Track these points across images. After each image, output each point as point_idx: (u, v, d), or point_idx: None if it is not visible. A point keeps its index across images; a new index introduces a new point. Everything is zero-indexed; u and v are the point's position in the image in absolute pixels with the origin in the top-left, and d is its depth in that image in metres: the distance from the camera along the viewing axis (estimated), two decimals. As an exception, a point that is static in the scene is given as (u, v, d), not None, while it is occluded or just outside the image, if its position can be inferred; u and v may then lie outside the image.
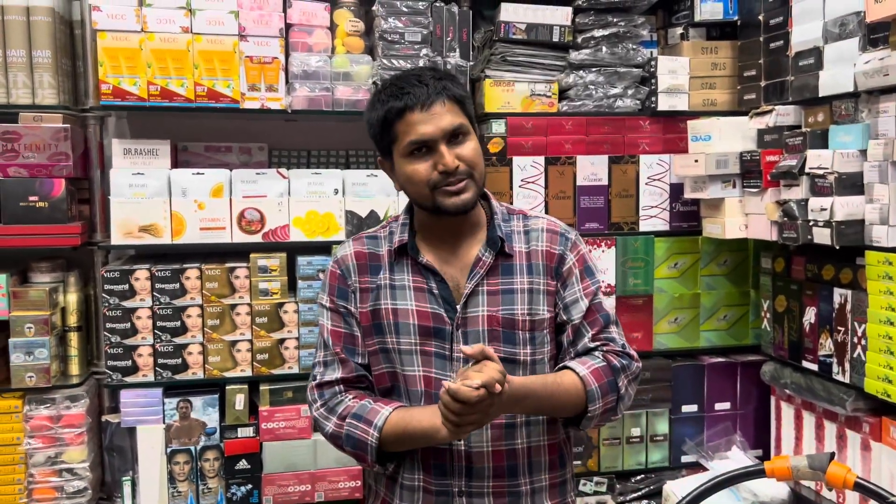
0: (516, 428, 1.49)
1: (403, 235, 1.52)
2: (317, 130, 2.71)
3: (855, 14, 2.01)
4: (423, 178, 1.43)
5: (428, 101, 1.41)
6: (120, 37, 2.23)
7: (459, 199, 1.43)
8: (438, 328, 1.47)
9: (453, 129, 1.42)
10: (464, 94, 1.48)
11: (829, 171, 2.03)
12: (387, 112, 1.44)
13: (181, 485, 2.31)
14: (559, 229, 1.56)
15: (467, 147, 1.44)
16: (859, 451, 2.13)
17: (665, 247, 2.60)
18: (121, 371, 2.27)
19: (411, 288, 1.49)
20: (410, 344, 1.48)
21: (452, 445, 1.46)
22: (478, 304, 1.48)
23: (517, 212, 1.58)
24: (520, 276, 1.51)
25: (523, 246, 1.53)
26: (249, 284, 2.33)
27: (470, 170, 1.43)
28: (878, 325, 1.98)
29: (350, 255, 1.55)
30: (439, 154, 1.41)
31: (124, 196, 2.26)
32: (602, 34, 2.53)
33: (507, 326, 1.48)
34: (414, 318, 1.48)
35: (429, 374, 1.48)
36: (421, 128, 1.41)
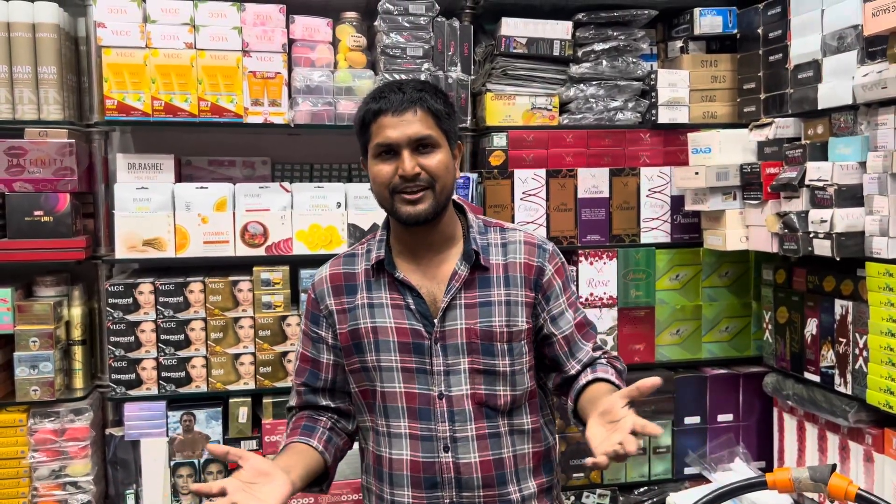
0: (501, 437, 1.52)
1: (380, 252, 1.54)
2: (319, 144, 2.73)
3: (853, 27, 2.03)
4: (385, 180, 1.47)
5: (400, 107, 1.46)
6: (125, 53, 2.25)
7: (414, 208, 1.46)
8: (417, 343, 1.50)
9: (419, 138, 1.45)
10: (441, 108, 1.50)
11: (829, 183, 2.04)
12: (365, 113, 1.50)
13: (185, 498, 2.31)
14: (536, 241, 1.59)
15: (432, 158, 1.47)
16: (862, 463, 2.13)
17: (666, 259, 2.60)
18: (125, 384, 2.28)
19: (389, 305, 1.52)
20: (391, 361, 1.50)
21: (440, 457, 1.49)
22: (455, 317, 1.50)
23: (494, 224, 1.61)
24: (497, 289, 1.53)
25: (500, 258, 1.55)
26: (252, 298, 2.34)
27: (431, 180, 1.46)
28: (879, 336, 1.98)
29: (325, 277, 1.59)
30: (401, 159, 1.45)
31: (128, 210, 2.28)
32: (602, 48, 2.55)
33: (485, 339, 1.50)
34: (393, 335, 1.50)
35: (411, 391, 1.50)
36: (388, 131, 1.45)
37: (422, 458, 1.49)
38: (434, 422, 1.50)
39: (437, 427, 1.49)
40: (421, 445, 1.50)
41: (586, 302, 2.54)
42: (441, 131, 1.49)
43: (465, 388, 1.50)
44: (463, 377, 1.50)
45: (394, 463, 1.51)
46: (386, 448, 1.53)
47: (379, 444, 1.54)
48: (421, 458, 1.49)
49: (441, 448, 1.49)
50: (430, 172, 1.46)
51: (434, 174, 1.46)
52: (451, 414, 1.49)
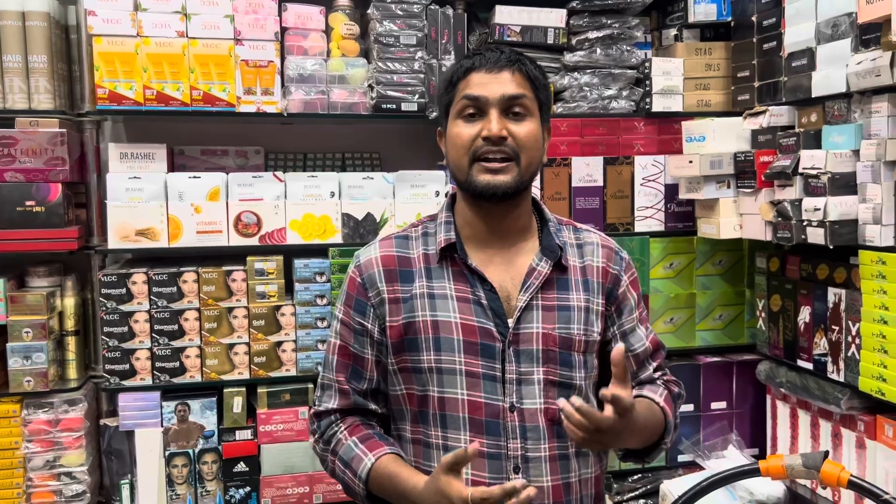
0: (570, 459, 1.38)
1: (449, 234, 1.36)
2: (313, 133, 2.72)
3: (847, 15, 2.03)
4: (466, 142, 1.31)
5: (497, 64, 1.31)
6: (116, 41, 2.23)
7: (494, 177, 1.29)
8: (487, 345, 1.32)
9: (511, 96, 1.30)
10: (540, 77, 1.36)
11: (823, 171, 2.04)
12: (455, 70, 1.35)
13: (180, 488, 2.32)
14: (613, 246, 1.47)
15: (523, 126, 1.31)
16: (854, 450, 2.15)
17: (660, 247, 2.61)
18: (119, 375, 2.28)
19: (454, 297, 1.34)
20: (453, 362, 1.32)
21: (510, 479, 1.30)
22: (532, 319, 1.34)
23: (566, 222, 1.48)
24: (576, 293, 1.38)
25: (577, 260, 1.41)
26: (246, 287, 2.34)
27: (517, 150, 1.30)
28: (871, 323, 1.99)
29: (375, 259, 1.39)
30: (488, 119, 1.30)
31: (121, 200, 2.27)
32: (596, 36, 2.54)
33: (563, 347, 1.35)
34: (458, 332, 1.32)
35: (475, 399, 1.32)
36: (478, 87, 1.30)
37: (488, 478, 1.31)
38: (504, 438, 1.32)
39: (507, 444, 1.32)
40: (487, 464, 1.32)
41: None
42: (536, 100, 1.35)
43: (538, 401, 1.33)
44: (536, 389, 1.33)
45: None
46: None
47: (429, 458, 1.35)
48: (487, 479, 1.31)
49: (511, 468, 1.32)
50: (518, 141, 1.30)
51: (522, 143, 1.31)
52: (524, 430, 1.32)
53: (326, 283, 2.38)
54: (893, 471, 2.00)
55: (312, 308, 2.37)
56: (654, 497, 2.60)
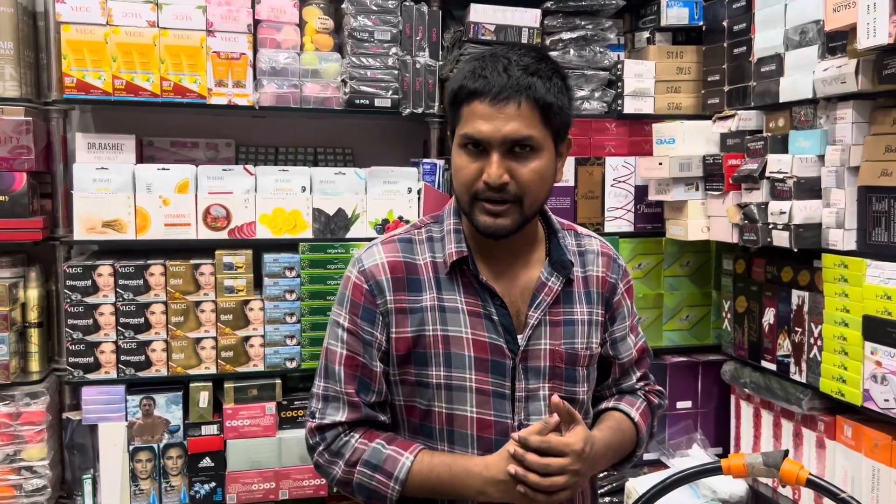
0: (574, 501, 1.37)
1: (461, 246, 1.29)
2: (284, 127, 2.70)
3: (815, 22, 2.06)
4: (468, 180, 1.23)
5: (501, 94, 1.19)
6: (84, 29, 2.20)
7: (493, 221, 1.23)
8: (497, 362, 1.28)
9: (515, 139, 1.20)
10: (553, 101, 1.22)
11: (789, 175, 2.07)
12: (458, 90, 1.24)
13: (143, 483, 2.29)
14: (612, 254, 1.45)
15: (527, 167, 1.21)
16: (814, 449, 2.19)
17: (630, 248, 2.63)
18: (82, 368, 2.24)
19: (465, 312, 1.28)
20: (463, 379, 1.27)
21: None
22: (540, 335, 1.30)
23: (567, 226, 1.43)
24: (579, 306, 1.35)
25: (580, 270, 1.37)
26: (214, 281, 2.32)
27: (518, 194, 1.22)
28: (833, 326, 2.03)
29: (382, 265, 1.30)
30: (489, 161, 1.20)
31: (88, 191, 2.24)
32: (570, 37, 2.56)
33: (569, 363, 1.32)
34: (469, 348, 1.27)
35: (485, 417, 1.27)
36: (481, 123, 1.20)
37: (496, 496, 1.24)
38: None
39: None
40: None
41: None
42: (547, 130, 1.23)
43: (544, 417, 1.30)
44: (542, 405, 1.30)
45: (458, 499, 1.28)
46: None
47: None
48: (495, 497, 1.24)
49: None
50: (521, 184, 1.21)
51: (524, 187, 1.22)
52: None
53: (296, 278, 2.36)
54: (852, 470, 2.04)
55: (281, 303, 2.35)
56: (620, 495, 2.63)
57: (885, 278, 1.86)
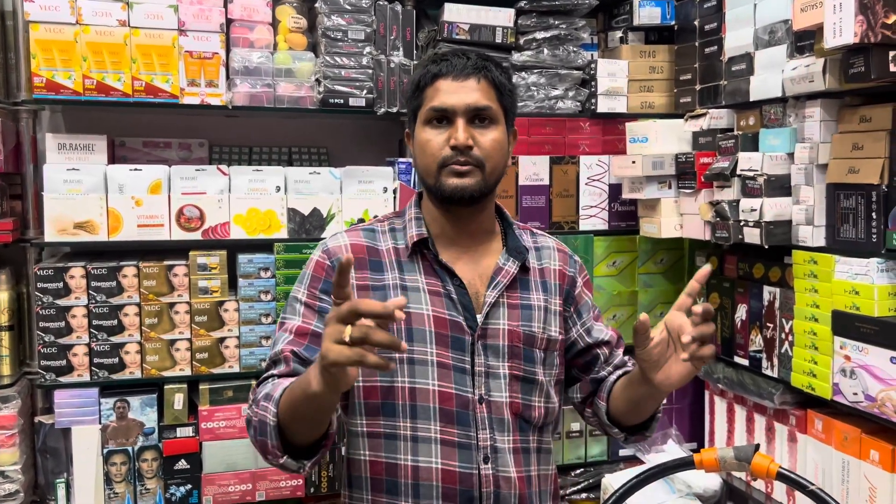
0: (531, 453, 1.42)
1: (421, 230, 1.39)
2: (258, 127, 2.69)
3: (783, 22, 2.09)
4: (435, 150, 1.34)
5: (463, 72, 1.34)
6: (53, 29, 2.17)
7: (461, 181, 1.33)
8: (457, 337, 1.35)
9: (478, 107, 1.34)
10: (506, 82, 1.39)
11: (759, 173, 2.10)
12: (422, 75, 1.37)
13: (118, 486, 2.27)
14: (567, 251, 1.54)
15: (488, 134, 1.35)
16: (786, 443, 2.22)
17: (604, 245, 2.65)
18: (55, 371, 2.22)
19: (426, 290, 1.36)
20: (426, 353, 1.34)
21: (481, 469, 1.34)
22: (499, 316, 1.38)
23: (523, 227, 1.53)
24: (536, 293, 1.44)
25: (536, 262, 1.47)
26: (188, 282, 2.30)
27: (482, 159, 1.34)
28: (803, 321, 2.06)
29: (345, 245, 1.39)
30: (455, 127, 1.33)
31: (59, 192, 2.21)
32: (544, 36, 2.57)
33: (527, 344, 1.40)
34: (430, 324, 1.34)
35: (447, 390, 1.34)
36: (446, 96, 1.33)
37: (458, 467, 1.33)
38: (474, 428, 1.34)
39: (477, 434, 1.34)
40: (458, 454, 1.33)
41: (526, 288, 2.58)
42: (501, 107, 1.38)
43: (504, 394, 1.37)
44: (503, 383, 1.37)
45: (420, 472, 1.33)
46: (407, 454, 1.34)
47: (395, 450, 1.34)
48: (458, 469, 1.33)
49: (481, 458, 1.34)
50: (483, 149, 1.34)
51: (487, 152, 1.34)
52: (492, 421, 1.36)
53: (271, 278, 2.35)
54: (823, 463, 2.08)
55: (256, 304, 2.34)
56: (597, 490, 2.65)
57: (853, 274, 1.89)
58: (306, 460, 1.25)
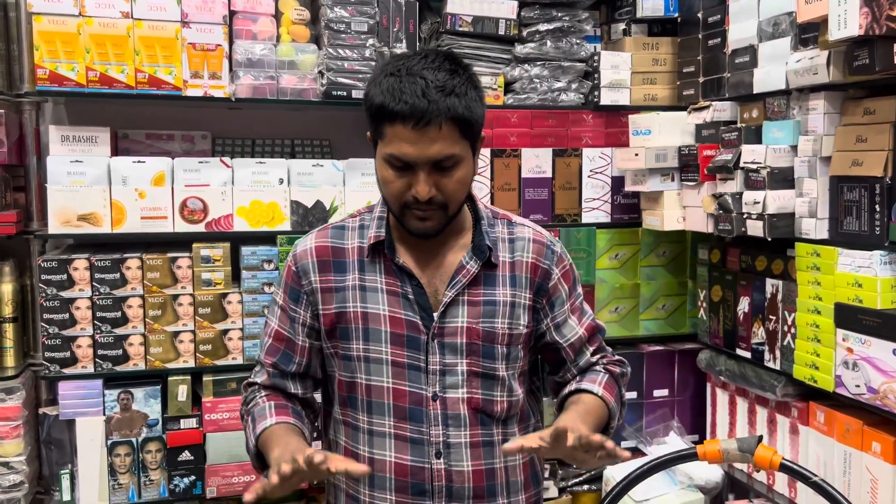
0: (494, 446, 1.44)
1: (380, 231, 1.41)
2: (261, 119, 2.68)
3: (787, 14, 2.09)
4: (396, 193, 1.33)
5: (423, 120, 1.25)
6: (57, 20, 2.17)
7: (423, 224, 1.34)
8: (412, 337, 1.38)
9: (441, 158, 1.29)
10: (469, 114, 1.30)
11: (763, 165, 2.10)
12: (380, 107, 1.29)
13: (122, 477, 2.28)
14: (546, 241, 1.49)
15: (452, 178, 1.32)
16: (788, 435, 2.22)
17: (606, 238, 2.65)
18: (59, 362, 2.22)
19: (384, 291, 1.40)
20: (380, 352, 1.39)
21: (432, 463, 1.39)
22: (457, 314, 1.40)
23: (501, 216, 1.50)
24: (502, 288, 1.43)
25: (507, 255, 1.45)
26: (192, 275, 2.30)
27: (444, 202, 1.33)
28: (806, 314, 2.06)
29: (311, 250, 1.44)
30: (416, 179, 1.30)
31: (62, 184, 2.21)
32: (547, 28, 2.57)
33: (486, 340, 1.41)
34: (385, 324, 1.39)
35: (400, 387, 1.39)
36: (406, 147, 1.28)
37: (410, 461, 1.39)
38: (426, 424, 1.39)
39: (429, 430, 1.39)
40: (410, 448, 1.39)
41: (528, 280, 2.58)
42: (466, 141, 1.32)
43: (461, 391, 1.40)
44: (460, 379, 1.40)
45: (375, 464, 1.40)
46: (365, 446, 1.41)
47: (357, 440, 1.43)
48: (409, 462, 1.39)
49: (433, 453, 1.39)
50: (446, 194, 1.32)
51: (449, 195, 1.33)
52: (446, 417, 1.39)
53: (274, 270, 2.36)
54: (825, 455, 2.08)
55: (259, 296, 2.35)
56: (598, 482, 2.66)
57: (856, 266, 1.90)
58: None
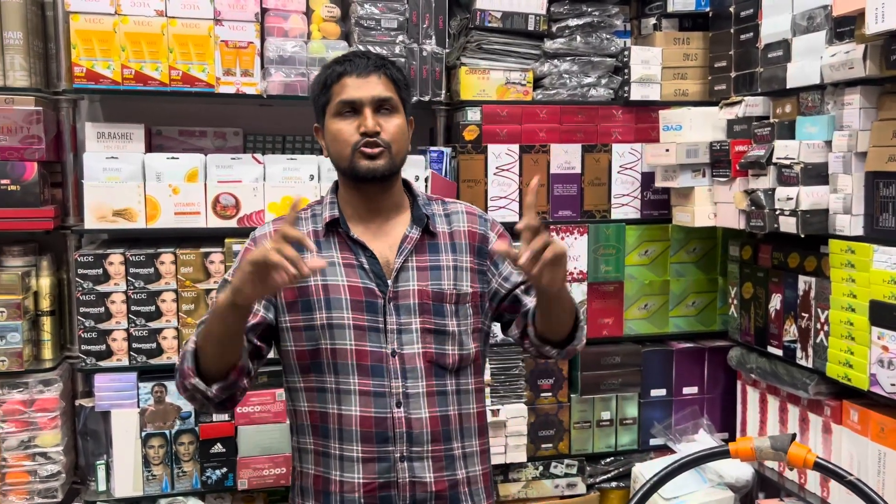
0: (448, 395, 1.60)
1: (333, 212, 1.61)
2: (292, 116, 2.71)
3: (822, 8, 2.06)
4: (346, 137, 1.54)
5: (365, 70, 1.54)
6: (93, 19, 2.21)
7: (373, 163, 1.53)
8: (371, 302, 1.56)
9: (381, 98, 1.54)
10: (402, 78, 1.61)
11: (796, 161, 2.08)
12: (328, 75, 1.58)
13: (156, 468, 2.32)
14: (476, 212, 1.71)
15: (391, 121, 1.55)
16: (821, 434, 2.20)
17: (636, 234, 2.64)
18: (94, 355, 2.27)
19: (341, 264, 1.58)
20: (343, 318, 1.55)
21: (393, 413, 1.55)
22: (408, 279, 1.58)
23: (436, 198, 1.72)
24: (445, 254, 1.62)
25: (445, 227, 1.65)
26: (224, 269, 2.33)
27: (388, 141, 1.55)
28: (839, 311, 2.04)
29: (270, 233, 1.62)
30: (363, 117, 1.53)
31: (98, 180, 2.25)
32: (577, 23, 2.56)
33: (436, 300, 1.58)
34: (346, 293, 1.55)
35: (362, 348, 1.55)
36: (352, 91, 1.54)
37: (374, 413, 1.54)
38: (387, 378, 1.55)
39: (390, 384, 1.55)
40: (373, 401, 1.55)
41: (557, 276, 2.58)
42: (400, 99, 1.59)
43: (416, 346, 1.57)
44: (415, 336, 1.57)
45: (343, 419, 1.55)
46: (333, 405, 1.56)
47: (325, 401, 1.57)
48: (373, 414, 1.54)
49: (394, 404, 1.55)
50: (389, 133, 1.55)
51: (392, 136, 1.55)
52: (404, 371, 1.56)
53: (305, 265, 2.38)
54: (858, 454, 2.06)
55: (291, 291, 2.37)
56: (626, 479, 2.65)
57: (892, 263, 1.87)
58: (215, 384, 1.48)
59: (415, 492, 1.56)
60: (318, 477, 1.60)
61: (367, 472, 1.55)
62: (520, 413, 2.52)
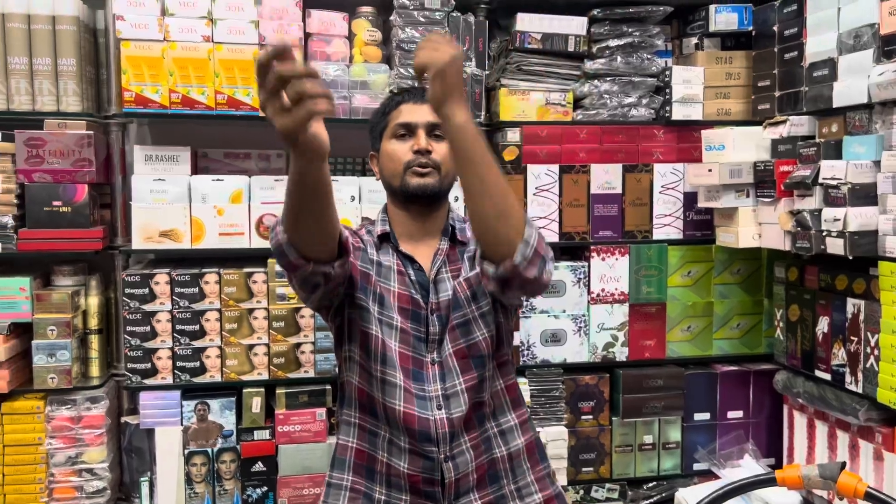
0: (492, 438, 1.66)
1: (385, 227, 1.71)
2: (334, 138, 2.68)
3: (869, 26, 2.03)
4: (400, 156, 1.64)
5: (422, 98, 1.64)
6: (143, 46, 2.27)
7: (423, 180, 1.62)
8: (415, 311, 1.64)
9: (434, 123, 1.63)
10: None
11: (843, 181, 2.04)
12: (387, 104, 1.72)
13: (198, 486, 2.35)
14: None
15: (442, 145, 1.64)
16: (872, 461, 2.14)
17: (678, 255, 2.61)
18: (140, 373, 2.31)
19: (395, 270, 1.66)
20: (391, 318, 1.63)
21: (434, 415, 1.59)
22: (447, 289, 1.65)
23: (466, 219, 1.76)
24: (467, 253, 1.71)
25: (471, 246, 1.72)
26: (267, 289, 2.36)
27: (438, 161, 1.63)
28: (891, 335, 1.98)
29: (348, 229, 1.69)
30: (417, 137, 1.64)
31: (146, 201, 2.31)
32: (617, 44, 2.55)
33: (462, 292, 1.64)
34: (395, 299, 1.64)
35: (405, 352, 1.62)
36: (408, 115, 1.66)
37: (417, 412, 1.59)
38: (426, 383, 1.61)
39: (430, 388, 1.61)
40: (416, 401, 1.60)
41: (598, 297, 2.56)
42: None
43: (449, 347, 1.63)
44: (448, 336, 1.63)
45: (388, 409, 1.61)
46: (378, 392, 1.61)
47: (371, 384, 1.63)
48: (416, 413, 1.59)
49: (435, 406, 1.61)
50: (440, 154, 1.63)
51: (442, 158, 1.64)
52: (444, 376, 1.62)
53: (345, 286, 2.40)
54: (911, 483, 2.00)
55: (331, 311, 2.39)
56: (669, 505, 2.60)
57: (945, 286, 1.82)
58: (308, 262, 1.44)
59: (458, 488, 1.61)
60: (363, 452, 1.65)
61: (413, 465, 1.60)
62: (560, 436, 2.50)
